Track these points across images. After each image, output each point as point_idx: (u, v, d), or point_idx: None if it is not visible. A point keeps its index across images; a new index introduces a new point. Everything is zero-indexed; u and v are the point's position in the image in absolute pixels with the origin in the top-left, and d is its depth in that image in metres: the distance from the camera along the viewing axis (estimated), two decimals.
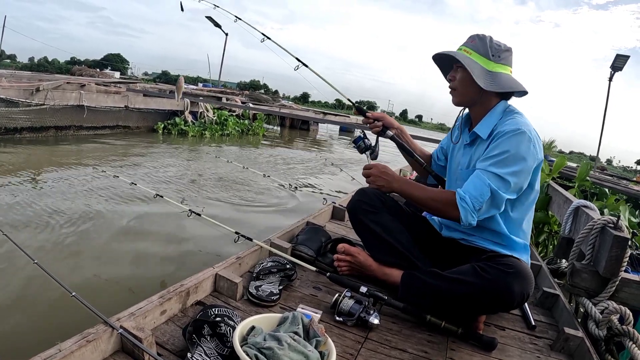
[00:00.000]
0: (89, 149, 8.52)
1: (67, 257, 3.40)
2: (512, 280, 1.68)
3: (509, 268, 1.71)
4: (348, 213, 2.29)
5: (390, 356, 1.59)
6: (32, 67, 73.97)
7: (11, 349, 2.16)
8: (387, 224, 2.13)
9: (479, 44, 1.88)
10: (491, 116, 1.92)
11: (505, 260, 1.76)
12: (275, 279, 1.95)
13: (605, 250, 1.92)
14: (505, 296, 1.69)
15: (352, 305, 1.77)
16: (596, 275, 2.00)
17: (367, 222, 2.15)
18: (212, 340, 1.37)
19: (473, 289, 1.71)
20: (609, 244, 1.90)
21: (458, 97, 1.97)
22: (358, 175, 6.89)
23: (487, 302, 1.73)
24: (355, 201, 2.23)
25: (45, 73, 20.58)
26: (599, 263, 1.97)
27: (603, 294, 1.97)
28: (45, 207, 4.44)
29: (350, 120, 22.36)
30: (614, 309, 1.85)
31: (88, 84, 10.51)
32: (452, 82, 1.94)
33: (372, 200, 2.18)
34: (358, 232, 2.27)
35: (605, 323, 1.86)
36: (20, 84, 8.48)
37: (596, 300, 1.97)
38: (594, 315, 1.91)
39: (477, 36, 1.91)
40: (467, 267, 1.79)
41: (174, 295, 1.59)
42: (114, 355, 1.31)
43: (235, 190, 6.45)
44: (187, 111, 12.79)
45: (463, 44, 1.93)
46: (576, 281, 2.04)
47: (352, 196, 2.29)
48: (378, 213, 2.15)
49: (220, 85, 27.82)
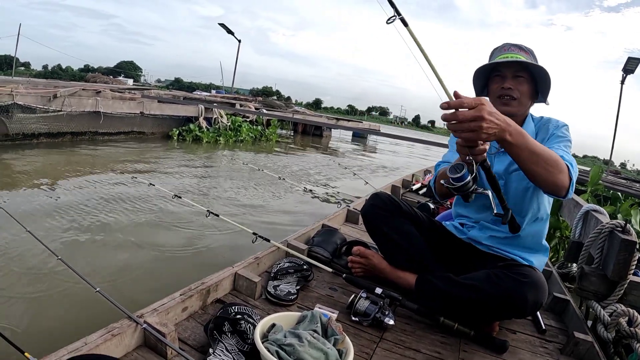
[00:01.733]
0: (105, 153, 8.63)
1: (89, 255, 3.47)
2: (527, 290, 1.68)
3: (524, 277, 1.71)
4: (362, 217, 2.28)
5: (405, 356, 1.61)
6: (46, 75, 75.03)
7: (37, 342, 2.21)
8: (401, 228, 2.13)
9: (531, 56, 1.90)
10: (529, 122, 1.97)
11: (521, 270, 1.77)
12: (293, 279, 1.98)
13: (613, 254, 1.91)
14: (519, 305, 1.70)
15: (367, 306, 1.79)
16: (604, 278, 1.99)
17: (381, 226, 2.16)
18: (232, 337, 1.39)
19: (486, 296, 1.72)
20: (616, 247, 1.90)
21: (516, 107, 1.89)
22: (371, 180, 6.91)
23: (499, 309, 1.74)
24: (369, 206, 2.23)
25: (59, 80, 20.84)
26: (608, 266, 1.97)
27: (611, 297, 1.96)
28: (66, 208, 4.51)
29: (363, 126, 22.39)
30: (622, 312, 1.85)
31: (103, 90, 10.60)
32: (512, 91, 1.87)
33: (385, 204, 2.18)
34: (372, 236, 2.27)
35: (613, 326, 1.85)
36: (38, 91, 8.57)
37: (605, 304, 1.97)
38: (602, 318, 1.90)
39: (525, 48, 1.92)
40: (482, 274, 1.80)
41: (195, 293, 1.62)
42: (137, 349, 1.34)
43: (251, 193, 6.51)
44: (201, 117, 12.86)
45: (516, 53, 1.90)
46: (585, 284, 2.03)
47: (366, 200, 2.29)
48: (392, 217, 2.15)
49: (233, 92, 27.96)
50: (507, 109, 1.83)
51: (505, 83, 1.87)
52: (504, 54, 1.91)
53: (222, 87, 37.84)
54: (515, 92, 1.86)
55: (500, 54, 1.93)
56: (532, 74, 1.88)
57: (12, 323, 2.36)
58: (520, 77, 1.86)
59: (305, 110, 26.86)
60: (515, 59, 1.85)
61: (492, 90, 1.95)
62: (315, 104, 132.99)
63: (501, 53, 1.93)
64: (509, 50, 1.93)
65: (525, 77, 1.86)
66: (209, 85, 76.40)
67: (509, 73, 1.87)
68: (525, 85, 1.87)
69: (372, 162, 14.89)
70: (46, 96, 8.40)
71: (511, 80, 1.87)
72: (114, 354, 1.26)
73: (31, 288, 2.78)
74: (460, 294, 1.77)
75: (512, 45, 1.94)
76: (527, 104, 1.91)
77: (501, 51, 1.95)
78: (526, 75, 1.86)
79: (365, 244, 2.38)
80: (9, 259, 3.09)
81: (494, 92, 1.93)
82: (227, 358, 1.29)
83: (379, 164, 14.45)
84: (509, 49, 1.93)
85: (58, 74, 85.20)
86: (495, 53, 1.99)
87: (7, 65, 53.62)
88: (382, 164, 14.88)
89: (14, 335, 1.18)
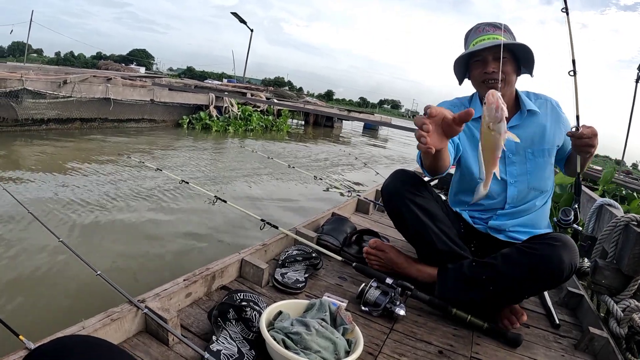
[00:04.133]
0: (114, 140, 8.66)
1: (94, 239, 3.45)
2: (562, 252, 1.61)
3: (556, 241, 1.64)
4: (384, 195, 2.01)
5: (416, 348, 1.55)
6: (59, 62, 75.61)
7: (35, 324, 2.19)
8: (433, 210, 1.94)
9: (508, 34, 1.89)
10: (525, 99, 1.97)
11: (549, 235, 1.70)
12: (301, 267, 1.92)
13: (629, 248, 1.86)
14: (558, 269, 1.61)
15: (378, 296, 1.73)
16: (619, 273, 1.94)
17: (411, 206, 1.91)
18: (237, 325, 1.34)
19: (524, 269, 1.64)
20: (632, 241, 1.84)
21: (503, 89, 1.86)
22: (382, 170, 6.85)
23: (539, 279, 1.65)
24: (396, 181, 1.99)
25: (70, 67, 20.88)
26: (622, 261, 1.92)
27: (625, 292, 1.92)
28: (71, 192, 4.52)
29: (374, 118, 22.28)
30: (635, 307, 1.81)
31: (114, 77, 10.59)
32: (495, 74, 1.81)
33: (413, 179, 1.98)
34: (395, 218, 2.03)
35: (626, 321, 1.81)
36: (48, 77, 8.58)
37: (618, 299, 1.92)
38: (615, 313, 1.86)
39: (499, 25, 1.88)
40: (511, 251, 1.72)
41: (199, 279, 1.57)
42: (137, 335, 1.29)
43: (260, 180, 6.48)
44: (212, 105, 12.84)
45: (492, 34, 1.86)
46: (598, 279, 1.98)
47: (391, 177, 2.03)
48: (423, 197, 1.95)
49: (244, 82, 27.94)
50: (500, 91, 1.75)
51: (487, 67, 1.83)
52: (479, 36, 1.88)
53: (233, 76, 37.83)
54: (499, 74, 1.72)
55: (476, 36, 1.89)
56: (513, 52, 1.85)
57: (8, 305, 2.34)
58: (503, 57, 1.74)
59: (316, 101, 26.81)
60: (492, 42, 1.81)
61: (475, 76, 1.91)
62: (327, 95, 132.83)
63: (477, 36, 1.89)
64: (483, 31, 1.88)
65: (507, 57, 1.80)
66: (221, 74, 76.58)
67: (490, 56, 1.83)
68: (508, 66, 1.83)
69: (384, 154, 14.83)
70: (56, 82, 8.40)
71: (493, 63, 1.82)
72: (113, 339, 1.21)
73: (30, 271, 2.76)
74: (495, 275, 1.69)
75: (485, 25, 1.89)
76: (513, 82, 1.90)
77: (476, 33, 1.90)
78: (507, 54, 1.81)
79: (377, 234, 2.30)
80: (9, 242, 3.08)
81: (477, 78, 1.90)
82: (231, 346, 1.24)
83: (390, 156, 14.38)
84: (484, 30, 1.88)
85: (70, 61, 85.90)
86: (470, 36, 1.94)
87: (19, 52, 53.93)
88: (394, 155, 14.81)
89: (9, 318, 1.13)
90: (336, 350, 1.27)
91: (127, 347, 1.23)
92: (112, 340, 1.20)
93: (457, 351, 1.57)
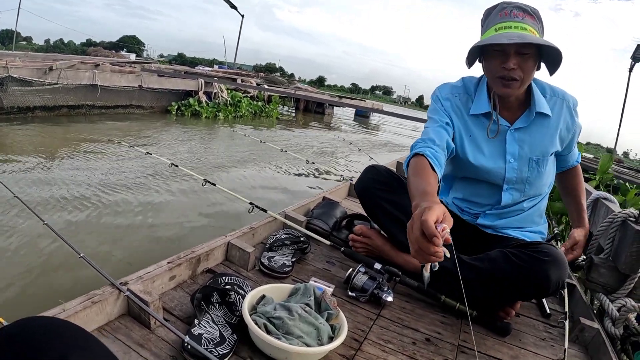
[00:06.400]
0: (102, 126, 8.57)
1: (79, 222, 3.42)
2: (550, 269, 1.53)
3: (545, 255, 1.56)
4: (358, 193, 2.07)
5: (403, 334, 1.54)
6: (48, 49, 74.71)
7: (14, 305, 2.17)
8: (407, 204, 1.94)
9: (538, 23, 1.57)
10: (537, 94, 1.72)
11: (540, 248, 1.62)
12: (289, 251, 1.90)
13: (626, 245, 1.84)
14: (543, 286, 1.56)
15: (365, 281, 1.72)
16: (615, 270, 1.91)
17: (381, 202, 1.95)
18: (220, 308, 1.33)
19: (507, 277, 1.58)
20: (630, 238, 1.82)
21: (518, 88, 1.61)
22: (376, 156, 6.83)
23: (521, 290, 1.61)
24: (366, 179, 2.02)
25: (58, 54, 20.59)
26: (618, 258, 1.89)
27: (621, 290, 1.89)
28: (58, 177, 4.47)
29: (366, 104, 22.24)
30: (631, 307, 1.77)
31: (102, 64, 10.46)
32: (515, 72, 1.56)
33: (385, 177, 1.98)
34: (370, 214, 2.08)
35: (622, 321, 1.78)
36: (34, 64, 8.46)
37: (613, 297, 1.89)
38: (610, 313, 1.83)
39: (530, 10, 1.56)
40: (497, 253, 1.65)
41: (184, 262, 1.54)
42: (119, 318, 1.27)
43: (251, 164, 6.46)
44: (201, 91, 12.73)
45: (521, 21, 1.53)
46: (594, 276, 1.95)
47: (362, 174, 2.07)
48: (393, 192, 1.95)
49: (235, 68, 27.75)
50: (508, 91, 1.60)
51: (508, 62, 1.54)
52: (505, 21, 1.55)
53: (225, 62, 37.57)
54: (519, 73, 1.56)
55: (501, 20, 1.56)
56: (538, 47, 1.55)
57: None
58: (526, 53, 1.54)
59: (307, 87, 26.69)
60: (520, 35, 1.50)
61: (491, 67, 1.62)
62: (318, 81, 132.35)
63: (501, 20, 1.56)
64: (510, 15, 1.55)
65: (531, 53, 1.54)
66: (212, 60, 75.98)
67: (512, 48, 1.53)
68: (530, 62, 1.56)
69: (376, 140, 14.84)
70: (42, 69, 8.28)
71: (514, 58, 1.54)
72: (94, 322, 1.19)
73: (13, 253, 2.74)
74: (479, 277, 1.62)
75: (513, 7, 1.56)
76: (528, 82, 1.63)
77: (502, 16, 1.57)
78: (532, 51, 1.54)
79: (369, 220, 2.29)
80: None
81: (493, 71, 1.61)
82: (213, 329, 1.22)
83: (382, 142, 14.40)
84: (511, 14, 1.55)
85: (60, 48, 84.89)
86: (492, 17, 1.60)
87: (9, 40, 53.14)
88: (386, 141, 14.83)
89: None
90: (319, 335, 1.25)
91: (109, 330, 1.21)
92: (93, 323, 1.19)
93: (445, 339, 1.56)
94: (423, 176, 1.43)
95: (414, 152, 1.58)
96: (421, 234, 1.06)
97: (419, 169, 1.48)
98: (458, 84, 1.84)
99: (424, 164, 1.49)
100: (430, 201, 1.18)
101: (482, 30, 1.66)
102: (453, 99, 1.78)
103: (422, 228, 1.05)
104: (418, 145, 1.62)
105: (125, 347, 1.15)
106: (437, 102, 1.82)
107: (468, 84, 1.82)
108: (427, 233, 1.04)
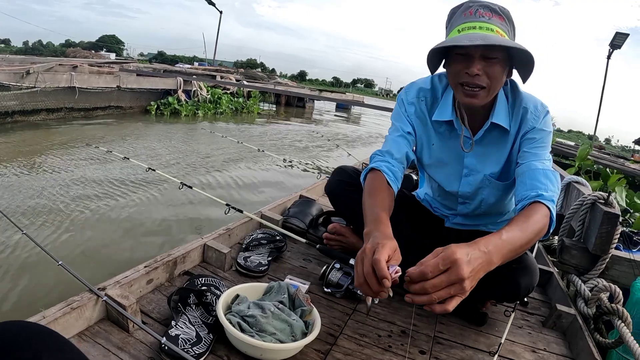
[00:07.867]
0: (80, 129, 8.49)
1: (56, 230, 3.42)
2: (520, 277, 1.53)
3: (516, 263, 1.49)
4: (328, 195, 2.01)
5: (378, 328, 1.58)
6: (27, 51, 73.48)
7: None
8: None
9: (507, 24, 1.37)
10: (501, 101, 1.53)
11: None
12: (265, 250, 1.94)
13: (595, 227, 1.86)
14: (512, 293, 1.58)
15: (340, 277, 1.76)
16: (586, 252, 1.94)
17: (350, 202, 1.89)
18: (197, 309, 1.37)
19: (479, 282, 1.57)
20: (599, 220, 1.84)
21: (485, 97, 1.40)
22: (354, 152, 6.87)
23: (492, 294, 1.63)
24: (335, 182, 1.96)
25: (39, 56, 20.27)
26: (589, 240, 1.92)
27: (593, 271, 1.92)
28: (36, 184, 4.46)
29: (347, 97, 22.29)
30: (603, 287, 1.78)
31: (80, 65, 10.36)
32: (479, 78, 1.34)
33: (353, 178, 1.90)
34: (342, 215, 2.12)
35: (594, 301, 1.80)
36: (11, 68, 8.35)
37: (586, 278, 1.92)
38: (583, 293, 1.85)
39: (499, 9, 1.35)
40: None
41: (160, 265, 1.58)
42: (99, 323, 1.31)
43: (228, 166, 6.47)
44: (180, 90, 12.67)
45: (487, 21, 1.33)
46: (566, 258, 1.99)
47: (331, 176, 2.02)
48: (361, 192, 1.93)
49: (216, 64, 27.58)
50: (473, 100, 1.39)
51: (471, 67, 1.33)
52: (470, 21, 1.34)
53: (205, 59, 37.31)
54: (484, 79, 1.35)
55: (465, 20, 1.35)
56: (508, 51, 1.36)
57: None
58: (493, 58, 1.33)
59: (287, 82, 26.65)
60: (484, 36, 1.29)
61: (453, 72, 1.41)
62: (299, 76, 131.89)
63: (466, 20, 1.35)
64: (475, 15, 1.34)
65: (499, 57, 1.33)
66: (192, 58, 75.33)
67: (477, 52, 1.33)
68: (497, 67, 1.35)
69: (355, 133, 14.87)
70: (19, 73, 8.18)
71: (479, 63, 1.33)
72: (74, 328, 1.23)
73: None
74: None
75: (479, 6, 1.35)
76: (497, 90, 1.44)
77: (466, 15, 1.36)
78: (500, 54, 1.34)
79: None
80: None
81: (455, 76, 1.41)
82: (190, 330, 1.27)
83: (362, 135, 14.45)
84: (476, 13, 1.34)
85: (39, 50, 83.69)
86: (457, 17, 1.40)
87: None
88: (366, 134, 14.87)
89: None
90: (293, 331, 1.29)
91: (89, 335, 1.25)
92: (72, 329, 1.23)
93: (421, 331, 1.60)
94: (377, 197, 1.38)
95: (370, 167, 1.53)
96: (372, 271, 1.04)
97: (373, 188, 1.44)
98: (426, 85, 1.66)
99: (380, 181, 1.46)
100: (382, 234, 1.14)
101: (446, 31, 1.46)
102: (418, 103, 1.65)
103: (374, 266, 1.03)
104: (376, 158, 1.57)
105: (105, 351, 1.19)
106: (401, 106, 1.69)
107: (437, 85, 1.65)
108: (379, 274, 1.02)
